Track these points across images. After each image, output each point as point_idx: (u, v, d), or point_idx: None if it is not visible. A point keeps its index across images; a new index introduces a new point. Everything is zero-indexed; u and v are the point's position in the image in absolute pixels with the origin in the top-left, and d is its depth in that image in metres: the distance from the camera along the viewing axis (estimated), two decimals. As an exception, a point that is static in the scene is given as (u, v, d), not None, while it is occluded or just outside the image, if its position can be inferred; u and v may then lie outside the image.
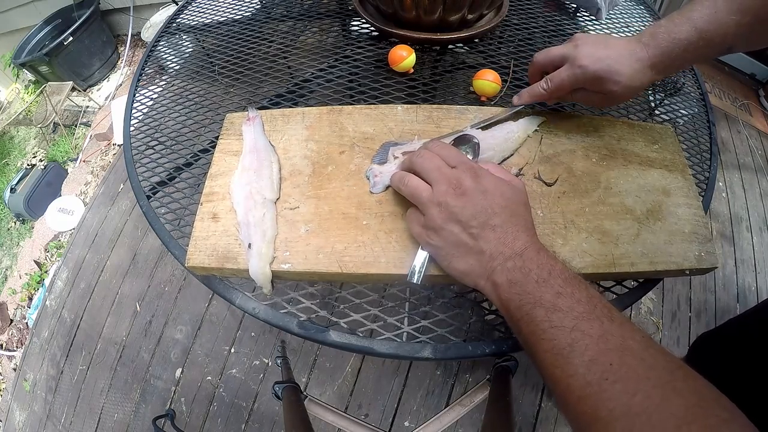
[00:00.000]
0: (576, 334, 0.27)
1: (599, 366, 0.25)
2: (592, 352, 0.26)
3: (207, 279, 0.43)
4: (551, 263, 0.30)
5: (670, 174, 0.45)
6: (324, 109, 0.49)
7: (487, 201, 0.33)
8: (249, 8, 0.80)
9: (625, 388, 0.24)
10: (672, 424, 0.22)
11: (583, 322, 0.27)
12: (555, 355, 0.27)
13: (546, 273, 0.30)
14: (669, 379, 0.24)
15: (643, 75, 0.40)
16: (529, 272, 0.30)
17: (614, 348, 0.26)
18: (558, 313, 0.28)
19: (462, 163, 0.35)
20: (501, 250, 0.31)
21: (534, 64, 0.46)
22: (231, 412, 1.13)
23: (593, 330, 0.26)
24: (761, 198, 1.55)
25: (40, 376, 1.31)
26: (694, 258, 0.39)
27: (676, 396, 0.23)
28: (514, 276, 0.30)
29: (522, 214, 0.34)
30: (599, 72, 0.40)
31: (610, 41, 0.41)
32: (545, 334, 0.28)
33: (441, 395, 1.10)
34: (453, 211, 0.33)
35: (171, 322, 1.28)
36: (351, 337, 0.40)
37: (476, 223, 0.32)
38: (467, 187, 0.33)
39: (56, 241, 1.68)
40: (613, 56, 0.40)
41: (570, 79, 0.42)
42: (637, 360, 0.25)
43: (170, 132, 0.59)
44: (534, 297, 0.29)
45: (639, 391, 0.24)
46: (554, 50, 0.43)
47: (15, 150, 2.39)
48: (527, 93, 0.45)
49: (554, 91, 0.43)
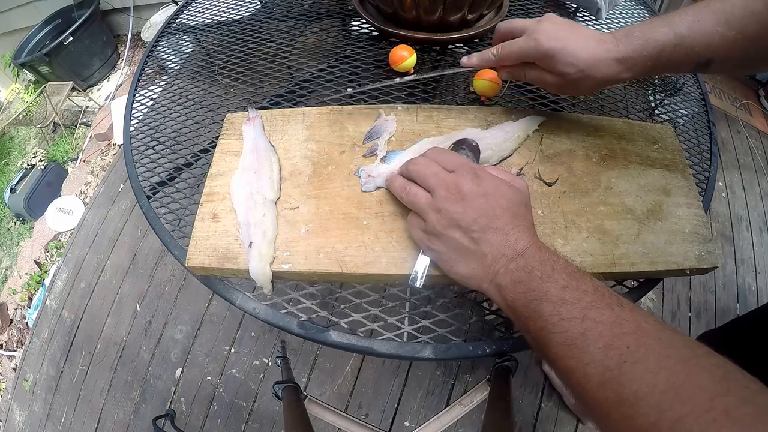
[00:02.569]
0: (588, 323, 0.26)
1: (616, 350, 0.25)
2: (607, 338, 0.25)
3: (207, 279, 0.43)
4: (553, 259, 0.30)
5: (670, 174, 0.45)
6: (324, 109, 0.49)
7: (488, 204, 0.32)
8: (249, 8, 0.80)
9: (646, 368, 0.23)
10: (704, 398, 0.21)
11: (593, 311, 0.27)
12: (569, 346, 0.27)
13: (549, 268, 0.29)
14: (691, 355, 0.24)
15: (608, 67, 0.38)
16: (533, 270, 0.30)
17: (629, 331, 0.25)
18: (566, 306, 0.27)
19: (461, 165, 0.35)
20: (503, 253, 0.31)
21: (496, 32, 0.45)
22: (231, 412, 1.13)
23: (604, 317, 0.26)
24: (761, 198, 1.55)
25: (40, 376, 1.31)
26: (695, 258, 0.39)
27: (701, 371, 0.23)
28: (518, 276, 0.30)
29: (523, 215, 0.34)
30: (552, 50, 0.38)
31: (579, 27, 0.40)
32: (556, 328, 0.27)
33: (441, 395, 1.10)
34: (453, 216, 0.32)
35: (171, 322, 1.28)
36: (351, 337, 0.40)
37: (477, 227, 0.32)
38: (467, 191, 0.33)
39: (56, 241, 1.68)
40: (574, 39, 0.38)
41: (521, 51, 0.41)
42: (654, 340, 0.25)
43: (170, 132, 0.59)
44: (540, 293, 0.29)
45: (662, 368, 0.23)
46: (518, 21, 0.43)
47: (15, 150, 2.39)
48: (477, 56, 0.45)
49: (503, 58, 0.42)
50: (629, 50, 0.38)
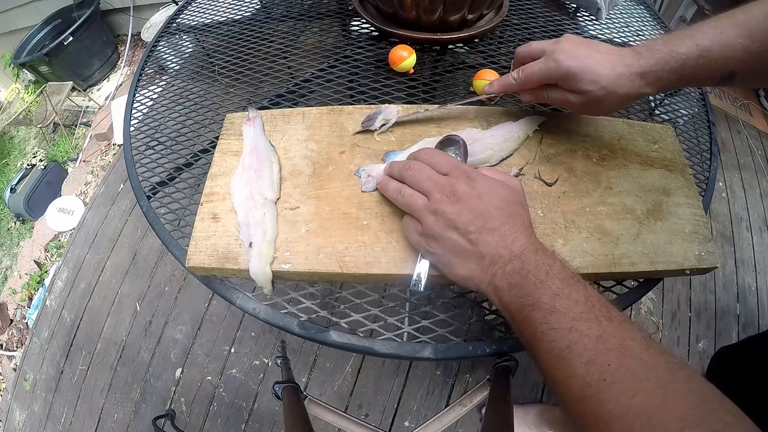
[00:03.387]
0: (574, 335, 0.26)
1: (597, 366, 0.25)
2: (590, 353, 0.26)
3: (207, 279, 0.43)
4: (549, 263, 0.30)
5: (670, 174, 0.45)
6: (324, 109, 0.49)
7: (483, 204, 0.33)
8: (249, 8, 0.80)
9: (624, 389, 0.24)
10: (674, 427, 0.22)
11: (581, 323, 0.27)
12: (554, 356, 0.27)
13: (543, 274, 0.29)
14: (669, 380, 0.24)
15: (630, 82, 0.38)
16: (528, 274, 0.30)
17: (613, 348, 0.25)
18: (555, 315, 0.28)
19: (454, 168, 0.35)
20: (501, 253, 0.31)
21: (515, 56, 0.45)
22: (231, 412, 1.13)
23: (591, 330, 0.26)
24: (761, 198, 1.55)
25: (40, 376, 1.31)
26: (695, 258, 0.39)
27: (677, 397, 0.23)
28: (514, 279, 0.30)
29: (519, 214, 0.33)
30: (573, 68, 0.38)
31: (597, 44, 0.39)
32: (544, 336, 0.28)
33: (441, 395, 1.10)
34: (449, 218, 0.32)
35: (171, 322, 1.28)
36: (351, 337, 0.40)
37: (474, 228, 0.32)
38: (462, 193, 0.33)
39: (56, 241, 1.68)
40: (594, 57, 0.38)
41: (542, 72, 0.40)
42: (636, 360, 0.25)
43: (170, 132, 0.59)
44: (533, 299, 0.29)
45: (639, 392, 0.24)
46: (535, 44, 0.42)
47: (15, 150, 2.39)
48: (498, 82, 0.44)
49: (525, 82, 0.42)
50: (651, 64, 0.37)
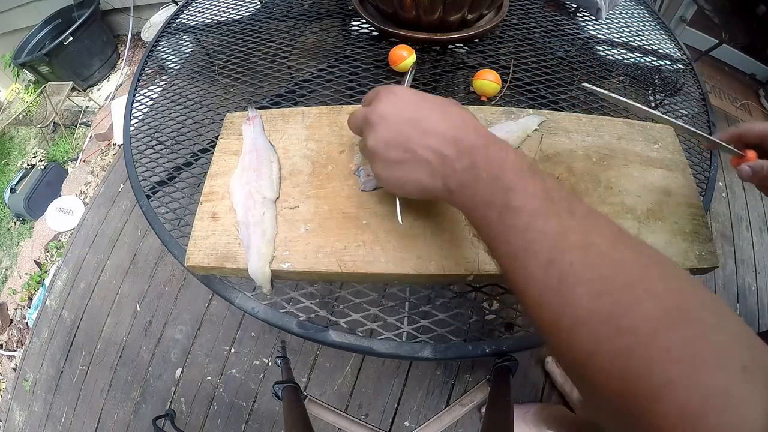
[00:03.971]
0: (531, 234, 0.24)
1: (557, 267, 0.22)
2: (549, 252, 0.23)
3: (206, 278, 0.43)
4: (501, 156, 0.27)
5: (670, 174, 0.45)
6: (324, 109, 0.49)
7: (408, 111, 0.31)
8: (249, 8, 0.80)
9: (588, 291, 0.21)
10: (645, 330, 0.19)
11: (538, 219, 0.24)
12: (511, 259, 0.24)
13: (496, 168, 0.26)
14: (641, 278, 0.21)
15: None
16: (479, 171, 0.27)
17: (575, 246, 0.22)
18: (510, 212, 0.25)
19: (376, 93, 0.33)
20: (446, 153, 0.28)
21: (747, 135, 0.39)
22: (231, 412, 1.13)
23: (549, 227, 0.23)
24: (761, 198, 1.55)
25: (40, 376, 1.31)
26: (695, 258, 0.39)
27: (650, 298, 0.20)
28: (464, 177, 0.27)
29: (459, 114, 0.30)
30: None
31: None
32: (500, 236, 0.25)
33: (441, 395, 1.10)
34: (379, 136, 0.31)
35: (171, 322, 1.28)
36: (351, 336, 0.40)
37: (404, 137, 0.30)
38: (383, 110, 0.31)
39: (56, 241, 1.68)
40: None
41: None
42: (601, 258, 0.22)
43: (170, 132, 0.59)
44: (485, 197, 0.26)
45: (604, 293, 0.21)
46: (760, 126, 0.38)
47: (15, 150, 2.39)
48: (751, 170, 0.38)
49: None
50: None
